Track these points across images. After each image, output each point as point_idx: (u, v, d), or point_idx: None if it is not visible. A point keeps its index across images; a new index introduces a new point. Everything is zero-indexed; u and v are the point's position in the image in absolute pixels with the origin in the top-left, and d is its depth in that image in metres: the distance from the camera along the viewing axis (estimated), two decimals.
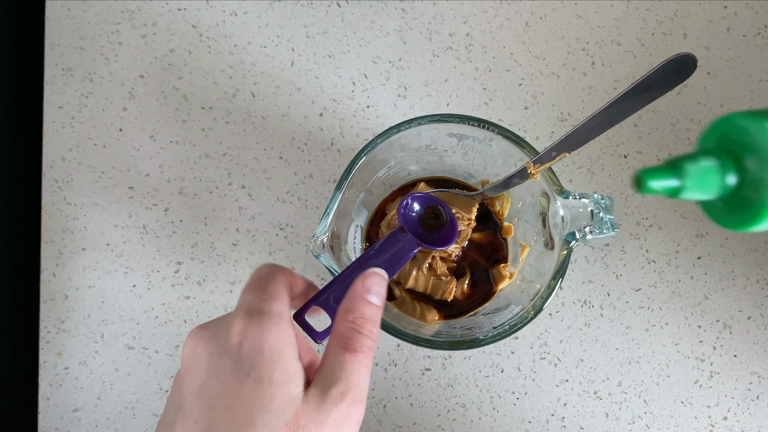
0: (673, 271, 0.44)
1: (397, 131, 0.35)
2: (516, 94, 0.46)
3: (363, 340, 0.27)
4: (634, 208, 0.45)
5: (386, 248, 0.34)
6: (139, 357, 0.44)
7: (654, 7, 0.47)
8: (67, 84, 0.46)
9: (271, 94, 0.46)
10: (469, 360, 0.43)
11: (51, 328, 0.44)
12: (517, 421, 0.43)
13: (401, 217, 0.37)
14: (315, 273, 0.44)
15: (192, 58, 0.47)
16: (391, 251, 0.34)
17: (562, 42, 0.47)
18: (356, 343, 0.27)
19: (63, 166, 0.45)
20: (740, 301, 0.44)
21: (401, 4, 0.47)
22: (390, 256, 0.34)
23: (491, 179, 0.41)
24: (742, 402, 0.43)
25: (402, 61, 0.47)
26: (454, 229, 0.38)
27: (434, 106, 0.46)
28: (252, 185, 0.45)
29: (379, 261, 0.33)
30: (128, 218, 0.45)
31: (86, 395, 0.43)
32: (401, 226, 0.36)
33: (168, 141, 0.46)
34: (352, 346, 0.27)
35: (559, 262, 0.34)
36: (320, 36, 0.47)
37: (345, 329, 0.28)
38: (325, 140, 0.46)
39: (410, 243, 0.35)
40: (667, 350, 0.44)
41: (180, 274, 0.44)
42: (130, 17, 0.47)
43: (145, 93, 0.46)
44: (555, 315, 0.44)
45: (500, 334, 0.34)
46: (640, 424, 0.43)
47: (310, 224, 0.45)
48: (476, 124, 0.35)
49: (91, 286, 0.44)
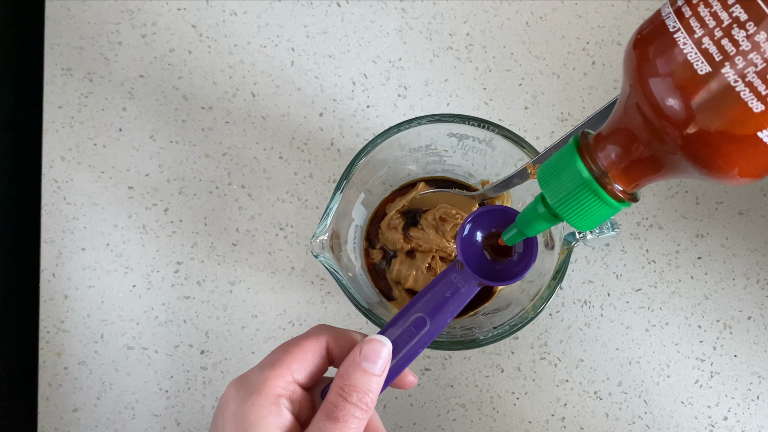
0: (673, 271, 0.44)
1: (397, 131, 0.35)
2: (516, 93, 0.46)
3: (349, 408, 0.27)
4: (635, 208, 0.45)
5: (438, 291, 0.29)
6: (139, 357, 0.44)
7: (654, 6, 0.47)
8: (67, 84, 0.46)
9: (271, 94, 0.46)
10: (469, 360, 0.43)
11: (51, 328, 0.44)
12: (517, 421, 0.43)
13: (461, 248, 0.30)
14: (315, 273, 0.44)
15: (192, 58, 0.47)
16: (443, 295, 0.29)
17: (562, 42, 0.47)
18: (340, 412, 0.27)
19: (63, 166, 0.45)
20: (740, 301, 0.44)
21: (401, 4, 0.47)
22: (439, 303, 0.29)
23: (491, 179, 0.41)
24: (742, 402, 0.43)
25: (402, 61, 0.46)
26: (532, 255, 0.30)
27: (434, 106, 0.46)
28: (252, 185, 0.45)
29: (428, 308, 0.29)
30: (128, 218, 0.45)
31: (86, 395, 0.43)
32: (458, 260, 0.29)
33: (168, 141, 0.46)
34: (335, 415, 0.27)
35: (559, 262, 0.34)
36: (320, 36, 0.47)
37: (333, 396, 0.27)
38: (325, 140, 0.46)
39: (469, 282, 0.29)
40: (668, 350, 0.44)
41: (180, 274, 0.44)
42: (129, 17, 0.47)
43: (144, 93, 0.46)
44: (555, 315, 0.44)
45: (500, 334, 0.34)
46: (640, 424, 0.43)
47: (310, 224, 0.45)
48: (476, 123, 0.35)
49: (90, 286, 0.44)
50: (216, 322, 0.44)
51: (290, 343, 0.29)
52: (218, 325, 0.44)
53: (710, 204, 0.45)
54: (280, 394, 0.27)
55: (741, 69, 0.20)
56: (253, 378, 0.28)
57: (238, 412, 0.27)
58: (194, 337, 0.44)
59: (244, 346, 0.44)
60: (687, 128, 0.22)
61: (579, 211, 0.26)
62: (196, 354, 0.44)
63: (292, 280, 0.44)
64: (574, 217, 0.26)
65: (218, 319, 0.44)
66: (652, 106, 0.22)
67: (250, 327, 0.44)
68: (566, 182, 0.25)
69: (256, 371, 0.28)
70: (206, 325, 0.44)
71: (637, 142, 0.24)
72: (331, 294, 0.44)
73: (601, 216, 0.26)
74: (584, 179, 0.25)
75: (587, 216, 0.26)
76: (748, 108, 0.20)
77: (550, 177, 0.26)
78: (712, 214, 0.45)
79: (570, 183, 0.25)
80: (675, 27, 0.22)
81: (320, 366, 0.29)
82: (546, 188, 0.26)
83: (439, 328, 0.29)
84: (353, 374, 0.27)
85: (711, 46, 0.21)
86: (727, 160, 0.22)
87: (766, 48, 0.20)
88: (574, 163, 0.25)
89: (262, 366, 0.28)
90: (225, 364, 0.43)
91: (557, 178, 0.26)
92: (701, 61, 0.21)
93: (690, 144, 0.22)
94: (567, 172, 0.25)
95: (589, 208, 0.25)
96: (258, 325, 0.44)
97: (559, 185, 0.26)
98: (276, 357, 0.28)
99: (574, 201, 0.25)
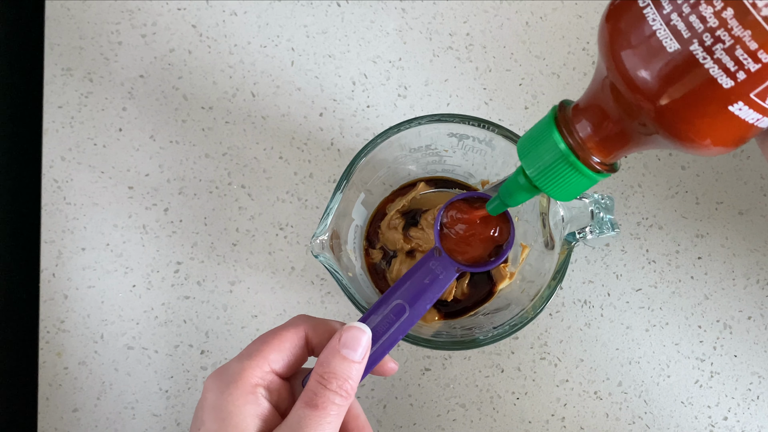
0: (673, 271, 0.44)
1: (397, 131, 0.35)
2: (516, 93, 0.46)
3: (329, 395, 0.27)
4: (634, 208, 0.45)
5: (417, 279, 0.29)
6: (139, 357, 0.44)
7: None
8: (67, 84, 0.46)
9: (271, 94, 0.46)
10: (469, 360, 0.43)
11: (51, 328, 0.44)
12: (517, 421, 0.43)
13: (438, 235, 0.31)
14: (315, 273, 0.44)
15: (192, 58, 0.47)
16: (422, 282, 0.29)
17: (562, 42, 0.47)
18: (319, 399, 0.27)
19: (63, 166, 0.45)
20: (741, 301, 0.44)
21: (401, 4, 0.47)
22: (418, 290, 0.29)
23: (491, 179, 0.41)
24: (742, 402, 0.43)
25: (402, 61, 0.46)
26: (510, 241, 0.31)
27: (434, 106, 0.46)
28: (252, 185, 0.45)
29: (407, 295, 0.29)
30: (128, 218, 0.45)
31: (86, 395, 0.43)
32: (437, 247, 0.30)
33: (168, 141, 0.46)
34: (315, 402, 0.27)
35: (559, 262, 0.34)
36: (320, 36, 0.47)
37: (312, 383, 0.27)
38: (325, 140, 0.46)
39: (447, 269, 0.30)
40: (668, 350, 0.44)
41: (180, 274, 0.44)
42: (129, 17, 0.47)
43: (144, 93, 0.46)
44: (555, 315, 0.44)
45: (500, 334, 0.34)
46: (640, 425, 0.43)
47: (310, 224, 0.45)
48: (476, 123, 0.35)
49: (90, 286, 0.44)
50: (216, 322, 0.44)
51: (268, 334, 0.29)
52: (218, 325, 0.44)
53: (710, 204, 0.45)
54: (257, 384, 0.28)
55: (709, 46, 0.20)
56: (231, 368, 0.28)
57: (216, 402, 0.27)
58: (194, 337, 0.44)
59: (244, 346, 0.43)
60: (658, 102, 0.22)
61: (557, 183, 0.26)
62: (196, 354, 0.44)
63: (292, 280, 0.44)
64: (553, 188, 0.26)
65: (218, 319, 0.44)
66: (624, 79, 0.22)
67: (250, 327, 0.44)
68: (544, 154, 0.25)
69: (235, 362, 0.28)
70: (206, 325, 0.44)
71: (612, 115, 0.24)
72: (331, 294, 0.44)
73: (579, 187, 0.26)
74: (561, 151, 0.25)
75: (565, 187, 0.26)
76: (717, 84, 0.20)
77: (529, 149, 0.26)
78: (712, 214, 0.45)
79: (547, 155, 0.25)
80: (645, 2, 0.21)
81: (299, 356, 0.30)
82: (525, 160, 0.26)
83: (418, 314, 0.29)
84: (332, 361, 0.28)
85: (679, 23, 0.20)
86: (699, 133, 0.22)
87: (733, 25, 0.19)
88: (551, 135, 0.25)
89: (240, 357, 0.28)
90: None
91: (535, 149, 0.26)
92: (670, 38, 0.21)
93: (662, 117, 0.22)
94: (545, 144, 0.25)
95: (566, 180, 0.25)
96: (258, 325, 0.44)
97: (537, 157, 0.26)
98: (254, 348, 0.29)
99: (551, 172, 0.25)
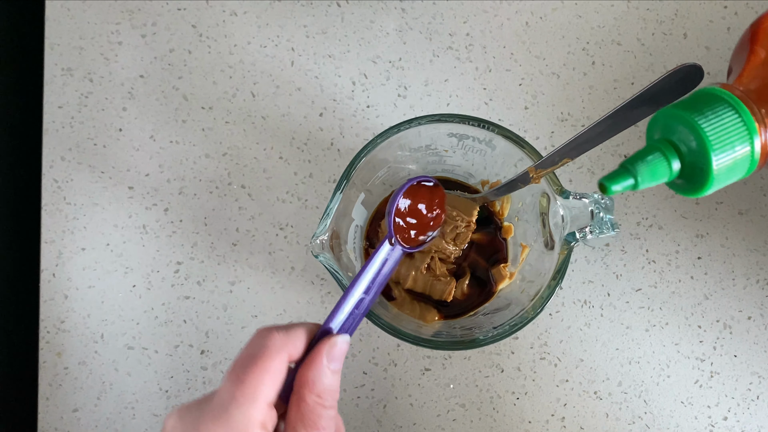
0: (673, 271, 0.44)
1: (396, 131, 0.35)
2: (516, 93, 0.46)
3: (328, 413, 0.27)
4: (634, 208, 0.45)
5: (375, 270, 0.32)
6: (139, 357, 0.44)
7: (654, 6, 0.47)
8: (67, 84, 0.46)
9: (271, 94, 0.46)
10: (469, 360, 0.43)
11: (51, 328, 0.44)
12: (517, 421, 0.43)
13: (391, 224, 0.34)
14: (315, 273, 0.44)
15: (192, 58, 0.47)
16: (379, 271, 0.32)
17: (562, 42, 0.47)
18: (322, 421, 0.27)
19: (63, 166, 0.45)
20: (740, 301, 0.44)
21: (401, 4, 0.47)
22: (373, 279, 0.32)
23: (491, 179, 0.41)
24: (742, 402, 0.43)
25: (402, 61, 0.46)
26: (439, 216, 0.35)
27: (434, 106, 0.46)
28: (252, 185, 0.45)
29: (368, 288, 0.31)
30: (128, 218, 0.45)
31: (86, 395, 0.43)
32: (389, 238, 0.33)
33: (168, 141, 0.46)
34: (319, 425, 0.27)
35: (559, 262, 0.34)
36: (320, 36, 0.47)
37: (311, 405, 0.27)
38: (325, 140, 0.46)
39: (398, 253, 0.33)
40: (668, 350, 0.44)
41: (180, 274, 0.44)
42: (129, 17, 0.47)
43: (144, 93, 0.46)
44: (555, 315, 0.44)
45: (500, 334, 0.34)
46: (640, 425, 0.43)
47: (310, 224, 0.45)
48: (476, 124, 0.35)
49: (90, 286, 0.44)
50: (216, 322, 0.44)
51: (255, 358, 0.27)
52: (218, 325, 0.44)
53: (710, 204, 0.45)
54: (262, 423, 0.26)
55: None
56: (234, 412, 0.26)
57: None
58: (194, 337, 0.44)
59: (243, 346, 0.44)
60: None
61: (729, 171, 0.26)
62: (196, 354, 0.44)
63: (292, 280, 0.44)
64: (719, 182, 0.26)
65: (218, 319, 0.44)
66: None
67: (250, 327, 0.44)
68: (733, 138, 0.25)
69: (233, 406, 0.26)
70: (206, 325, 0.44)
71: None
72: (331, 294, 0.44)
73: (735, 176, 0.26)
74: (751, 135, 0.25)
75: (728, 176, 0.26)
76: None
77: (722, 138, 0.25)
78: (712, 214, 0.45)
79: (737, 139, 0.26)
80: None
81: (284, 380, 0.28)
82: (716, 151, 0.25)
83: (374, 299, 0.31)
84: (324, 379, 0.27)
85: None
86: None
87: None
88: (743, 115, 0.25)
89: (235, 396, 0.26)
90: (225, 364, 0.43)
91: (727, 139, 0.25)
92: None
93: None
94: (733, 128, 0.25)
95: (737, 168, 0.26)
96: (258, 324, 0.44)
97: (725, 138, 0.25)
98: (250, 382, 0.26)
99: (733, 158, 0.25)
